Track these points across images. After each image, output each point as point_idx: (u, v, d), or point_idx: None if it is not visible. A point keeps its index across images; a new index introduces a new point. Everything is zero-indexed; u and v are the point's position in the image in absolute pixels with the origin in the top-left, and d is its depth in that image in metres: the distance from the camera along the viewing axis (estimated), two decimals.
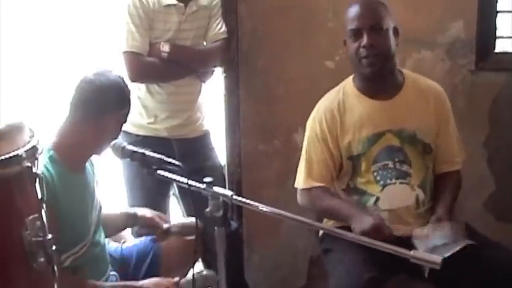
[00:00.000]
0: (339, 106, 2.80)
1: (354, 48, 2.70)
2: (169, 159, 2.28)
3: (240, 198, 2.15)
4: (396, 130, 2.76)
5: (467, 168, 3.00)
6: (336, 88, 2.89)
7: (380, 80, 2.76)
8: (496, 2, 3.54)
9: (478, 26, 3.50)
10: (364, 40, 2.66)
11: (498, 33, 3.60)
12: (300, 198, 2.87)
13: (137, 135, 3.22)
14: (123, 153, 2.41)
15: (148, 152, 2.32)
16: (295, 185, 2.88)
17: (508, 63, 3.57)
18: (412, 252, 1.86)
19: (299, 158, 2.90)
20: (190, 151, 3.22)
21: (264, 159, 3.51)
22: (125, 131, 3.20)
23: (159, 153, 2.31)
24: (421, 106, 2.82)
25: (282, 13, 3.38)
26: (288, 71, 3.43)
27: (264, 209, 2.12)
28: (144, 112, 3.22)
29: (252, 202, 2.15)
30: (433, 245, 2.52)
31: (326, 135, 2.78)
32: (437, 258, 1.83)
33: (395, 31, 2.75)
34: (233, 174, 3.45)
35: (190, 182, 2.20)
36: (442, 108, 2.87)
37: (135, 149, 2.38)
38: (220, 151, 3.47)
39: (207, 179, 2.15)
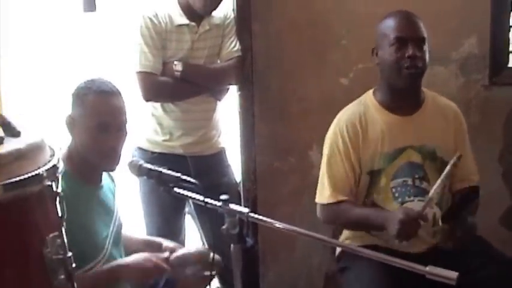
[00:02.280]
0: (360, 119, 2.77)
1: (396, 57, 2.66)
2: (186, 177, 2.29)
3: (256, 216, 2.15)
4: (417, 146, 2.75)
5: (482, 183, 2.98)
6: (356, 101, 2.87)
7: (408, 94, 2.77)
8: (509, 17, 3.56)
9: (491, 41, 3.52)
10: (410, 51, 2.64)
11: (511, 48, 3.60)
12: (323, 213, 2.82)
13: (153, 152, 3.25)
14: (139, 171, 2.42)
15: (165, 170, 2.33)
16: (317, 201, 2.82)
17: None
18: (427, 268, 1.85)
19: (314, 175, 2.89)
20: (205, 168, 3.24)
21: (279, 177, 3.51)
22: (140, 148, 3.27)
23: (174, 170, 2.31)
24: (440, 124, 2.82)
25: (296, 31, 3.40)
26: (302, 89, 3.44)
27: (280, 226, 2.12)
28: (159, 129, 3.25)
29: (267, 219, 2.15)
30: None
31: (348, 148, 2.75)
32: (453, 274, 1.83)
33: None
34: (248, 191, 3.45)
35: (206, 199, 2.20)
36: (459, 126, 2.88)
37: (151, 167, 2.39)
38: (235, 168, 3.49)
39: (224, 197, 2.15)
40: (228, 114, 3.49)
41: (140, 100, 3.19)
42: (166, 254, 2.55)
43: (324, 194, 2.80)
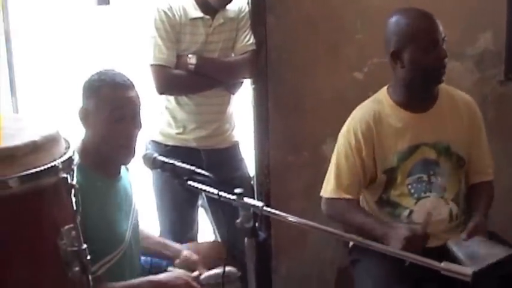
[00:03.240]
0: (374, 117, 2.75)
1: (433, 60, 2.64)
2: (200, 170, 2.30)
3: (270, 210, 2.15)
4: (432, 143, 2.74)
5: (497, 179, 2.97)
6: (370, 98, 2.86)
7: (427, 92, 2.76)
8: None
9: (507, 36, 3.50)
10: (443, 53, 2.64)
11: None
12: (325, 207, 2.83)
13: (166, 145, 3.25)
14: (153, 163, 2.43)
15: (178, 163, 2.34)
16: (321, 194, 2.84)
17: None
18: (442, 264, 1.84)
19: (327, 170, 2.88)
20: (218, 162, 3.24)
21: (292, 171, 3.51)
22: (153, 141, 3.27)
23: (187, 163, 2.32)
24: (455, 118, 2.81)
25: (310, 25, 3.38)
26: (317, 83, 3.43)
27: (293, 220, 2.13)
28: (173, 122, 3.25)
29: (281, 213, 2.15)
30: (471, 251, 2.50)
31: (361, 145, 2.74)
32: (468, 270, 1.82)
33: None
34: (262, 185, 3.45)
35: (220, 193, 2.20)
36: (474, 119, 2.86)
37: (166, 159, 2.40)
38: (249, 162, 3.48)
39: (238, 190, 2.15)
40: (242, 108, 3.48)
41: (154, 93, 3.19)
42: (196, 273, 2.57)
43: (327, 188, 2.82)
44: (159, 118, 3.30)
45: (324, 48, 3.41)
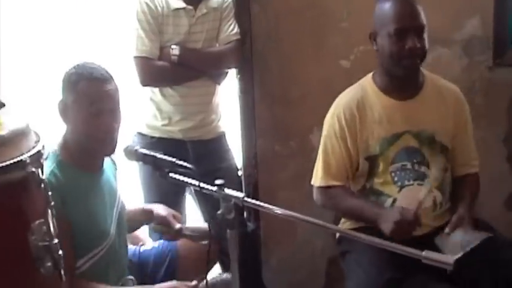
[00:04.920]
0: (358, 104, 2.74)
1: (395, 48, 2.60)
2: (181, 162, 2.27)
3: (251, 201, 2.12)
4: (415, 131, 2.72)
5: (487, 166, 2.97)
6: (355, 85, 2.84)
7: (407, 79, 2.72)
8: None
9: (494, 22, 3.46)
10: (410, 42, 2.57)
11: None
12: (316, 196, 2.84)
13: (152, 137, 3.24)
14: (135, 156, 2.41)
15: (159, 155, 2.32)
16: (312, 183, 2.85)
17: None
18: (424, 253, 1.82)
19: (315, 159, 2.86)
20: (205, 153, 3.24)
21: (280, 161, 3.48)
22: (139, 133, 3.26)
23: (173, 155, 2.30)
24: (440, 107, 2.78)
25: (296, 13, 3.34)
26: (303, 72, 3.40)
27: (278, 212, 2.09)
28: (158, 114, 3.23)
29: (264, 204, 2.13)
30: (454, 242, 2.51)
31: (345, 133, 2.73)
32: (450, 258, 1.80)
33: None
34: (249, 176, 3.43)
35: (202, 184, 2.18)
36: (460, 110, 2.83)
37: (146, 152, 2.38)
38: (236, 153, 3.46)
39: (219, 181, 2.14)
40: (228, 98, 3.46)
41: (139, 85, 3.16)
42: (194, 283, 2.54)
43: (317, 177, 2.82)
44: (144, 110, 3.27)
45: (309, 37, 3.38)
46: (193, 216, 3.54)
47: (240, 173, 3.44)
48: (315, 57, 3.39)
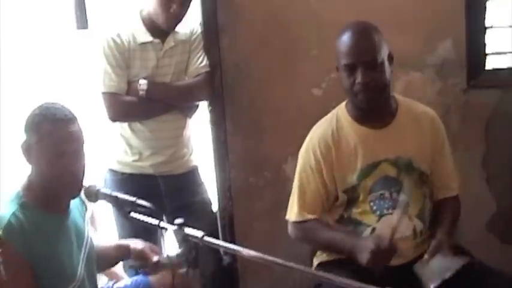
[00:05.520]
0: (332, 135, 2.70)
1: (349, 83, 2.58)
2: (141, 202, 2.24)
3: (211, 240, 2.08)
4: (392, 159, 2.67)
5: (466, 189, 2.93)
6: (329, 116, 2.80)
7: (375, 110, 2.67)
8: (484, 19, 3.48)
9: (467, 43, 3.45)
10: (359, 78, 2.54)
11: (488, 50, 3.53)
12: (291, 230, 2.79)
13: (123, 173, 3.21)
14: (97, 196, 2.38)
15: (121, 195, 2.30)
16: (287, 217, 2.79)
17: (500, 80, 3.51)
18: None
19: (290, 189, 2.82)
20: (177, 187, 3.21)
21: (255, 192, 3.45)
22: (111, 170, 3.23)
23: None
24: (416, 133, 2.73)
25: (265, 43, 3.34)
26: (275, 102, 3.38)
27: (240, 251, 2.06)
28: (128, 150, 3.20)
29: (224, 244, 2.12)
30: (432, 269, 2.45)
31: (321, 165, 2.68)
32: None
33: (390, 58, 2.64)
34: (225, 209, 3.40)
35: (162, 224, 2.16)
36: (437, 134, 2.78)
37: (108, 192, 2.36)
38: (210, 186, 3.42)
39: (178, 221, 2.10)
40: (200, 130, 3.43)
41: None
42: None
43: (292, 211, 2.77)
44: (115, 146, 3.24)
45: (280, 66, 3.37)
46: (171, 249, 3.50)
47: (214, 206, 3.40)
48: (287, 87, 3.38)
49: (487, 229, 3.61)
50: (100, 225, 3.01)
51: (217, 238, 2.80)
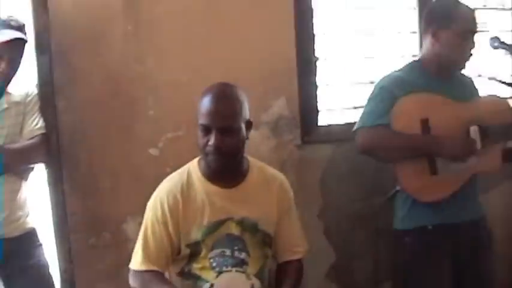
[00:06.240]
0: (182, 189, 2.72)
1: (202, 142, 2.62)
2: None
3: None
4: (238, 219, 2.72)
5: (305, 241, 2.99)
6: (181, 170, 2.82)
7: (222, 171, 2.71)
8: (315, 77, 3.65)
9: (299, 101, 3.60)
10: (212, 140, 2.58)
11: (320, 107, 3.71)
12: (132, 279, 2.77)
13: None
14: None
15: None
16: (130, 266, 2.77)
17: (332, 135, 3.69)
18: None
19: (131, 249, 2.82)
20: (13, 251, 3.12)
21: (95, 253, 3.41)
22: None
23: None
24: (264, 195, 2.80)
25: (101, 105, 3.35)
26: (112, 162, 3.38)
27: None
28: None
29: None
30: None
31: (167, 218, 2.69)
32: None
33: (249, 124, 2.71)
34: (65, 271, 3.34)
35: None
36: (284, 197, 2.86)
37: None
38: (50, 247, 3.37)
39: None
40: (38, 191, 3.38)
41: None
42: None
43: (135, 260, 2.76)
44: None
45: (117, 127, 3.38)
46: None
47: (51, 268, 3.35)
48: (124, 147, 3.39)
49: (326, 279, 3.73)
50: None
51: None
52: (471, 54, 3.11)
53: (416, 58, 3.26)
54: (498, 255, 3.27)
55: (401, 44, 3.80)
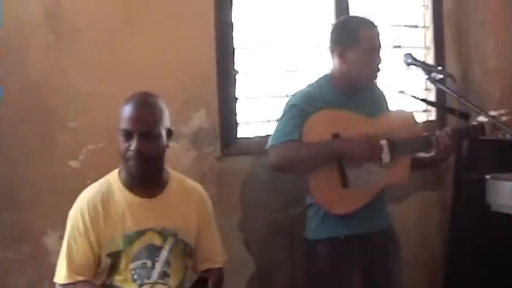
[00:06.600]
0: (102, 199, 2.73)
1: (123, 148, 2.66)
2: None
3: None
4: (158, 229, 2.74)
5: (226, 253, 3.04)
6: (101, 180, 2.83)
7: (145, 178, 2.74)
8: (235, 90, 3.71)
9: (219, 114, 3.65)
10: (133, 145, 2.62)
11: (239, 120, 3.78)
12: None
13: None
14: None
15: None
16: (55, 280, 2.74)
17: (251, 148, 3.75)
18: None
19: (52, 261, 2.79)
20: None
21: (14, 266, 3.32)
22: None
23: None
24: (184, 206, 2.84)
25: (20, 115, 3.28)
26: (32, 174, 3.31)
27: None
28: None
29: None
30: None
31: (88, 228, 2.69)
32: None
33: (169, 132, 2.76)
34: None
35: None
36: (203, 209, 2.91)
37: None
38: None
39: None
40: None
41: None
42: None
43: (60, 274, 2.73)
44: None
45: (36, 138, 3.32)
46: None
47: None
48: (44, 158, 3.33)
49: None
50: None
51: None
52: (379, 70, 3.24)
53: (326, 73, 3.36)
54: (413, 261, 3.39)
55: (320, 58, 3.90)
